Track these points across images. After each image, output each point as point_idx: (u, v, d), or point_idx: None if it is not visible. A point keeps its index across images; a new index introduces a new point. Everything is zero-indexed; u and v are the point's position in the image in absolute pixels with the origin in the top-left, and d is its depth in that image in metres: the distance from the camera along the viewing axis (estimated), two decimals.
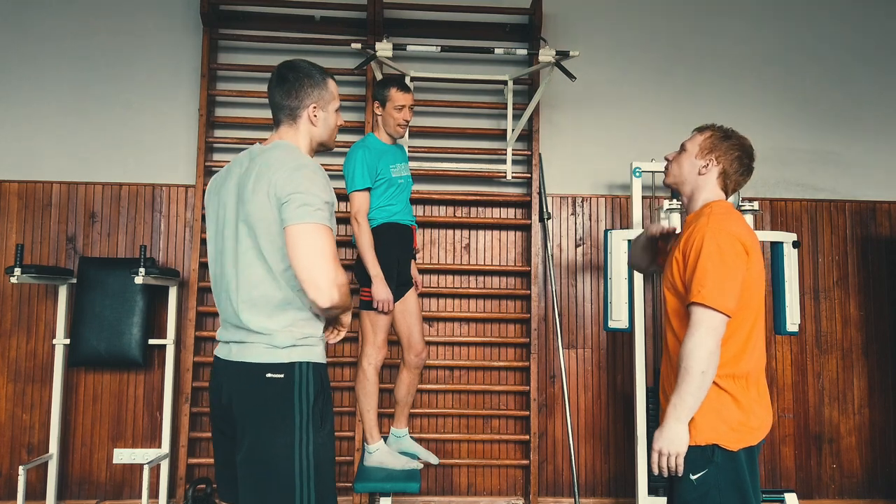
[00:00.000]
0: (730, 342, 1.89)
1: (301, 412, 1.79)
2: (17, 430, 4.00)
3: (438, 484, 4.13)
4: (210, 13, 4.06)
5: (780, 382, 4.30)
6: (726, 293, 1.84)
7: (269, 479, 1.77)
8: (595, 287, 4.30)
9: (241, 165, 1.91)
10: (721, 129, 2.08)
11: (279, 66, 2.00)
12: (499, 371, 4.21)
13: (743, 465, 1.88)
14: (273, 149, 1.88)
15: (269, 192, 1.77)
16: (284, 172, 1.78)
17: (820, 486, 4.27)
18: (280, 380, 1.79)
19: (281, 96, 1.94)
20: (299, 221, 1.74)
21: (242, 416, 1.81)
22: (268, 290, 1.81)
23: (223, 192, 1.91)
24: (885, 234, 4.45)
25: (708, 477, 1.86)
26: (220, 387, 1.88)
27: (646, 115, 4.38)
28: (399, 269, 3.05)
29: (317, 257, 1.73)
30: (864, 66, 4.56)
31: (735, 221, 1.95)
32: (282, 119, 1.96)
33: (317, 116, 1.96)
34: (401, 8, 4.22)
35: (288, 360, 1.81)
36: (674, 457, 1.86)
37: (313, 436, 1.80)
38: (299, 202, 1.74)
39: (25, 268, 3.62)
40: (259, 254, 1.81)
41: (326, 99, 1.99)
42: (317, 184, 1.79)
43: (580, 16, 4.44)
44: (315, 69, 2.00)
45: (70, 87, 4.20)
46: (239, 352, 1.84)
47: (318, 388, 1.83)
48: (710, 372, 1.83)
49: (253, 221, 1.80)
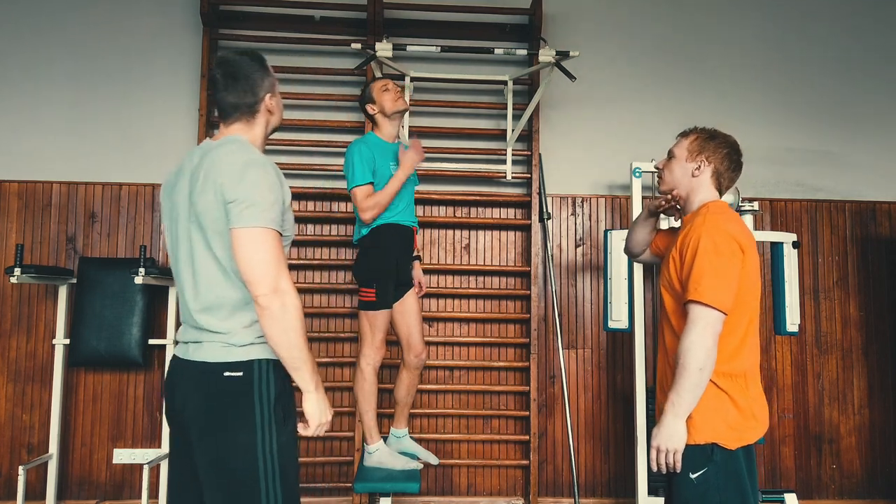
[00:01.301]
0: (726, 340, 1.90)
1: (262, 410, 1.75)
2: (17, 430, 4.00)
3: (438, 484, 4.13)
4: (210, 13, 4.06)
5: (780, 382, 4.30)
6: (723, 291, 1.86)
7: (234, 479, 1.73)
8: (595, 287, 4.30)
9: (192, 161, 1.84)
10: (705, 131, 2.12)
11: (217, 66, 1.89)
12: (499, 371, 4.21)
13: (742, 463, 1.89)
14: (221, 144, 1.82)
15: (217, 192, 1.71)
16: (231, 172, 1.72)
17: (820, 486, 4.27)
18: (239, 378, 1.74)
19: (235, 96, 1.86)
20: (244, 225, 1.69)
21: (201, 417, 1.75)
22: (224, 291, 1.76)
23: (175, 193, 1.85)
24: (885, 234, 4.45)
25: (707, 475, 1.87)
26: (175, 387, 1.82)
27: (646, 115, 4.38)
28: (398, 269, 3.04)
29: (258, 259, 1.68)
30: (864, 66, 4.56)
31: (731, 221, 1.97)
32: (238, 117, 1.87)
33: (273, 104, 1.91)
34: (401, 8, 4.22)
35: (246, 357, 1.75)
36: (672, 453, 1.88)
37: (276, 434, 1.76)
38: (245, 204, 1.69)
39: (25, 268, 3.62)
40: (212, 255, 1.75)
41: (274, 83, 1.92)
42: (265, 183, 1.72)
43: (580, 16, 4.44)
44: (256, 58, 1.90)
45: (70, 88, 4.20)
46: (195, 351, 1.78)
47: (279, 385, 1.78)
48: (708, 369, 1.85)
49: (203, 222, 1.74)
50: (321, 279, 4.19)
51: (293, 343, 1.71)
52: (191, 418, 1.77)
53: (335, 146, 4.19)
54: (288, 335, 1.70)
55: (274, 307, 1.67)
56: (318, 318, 4.15)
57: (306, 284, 4.14)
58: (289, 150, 4.21)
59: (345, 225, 4.22)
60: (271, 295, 1.67)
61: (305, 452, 4.05)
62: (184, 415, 1.78)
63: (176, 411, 1.82)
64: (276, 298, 1.67)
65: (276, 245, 1.71)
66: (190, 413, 1.77)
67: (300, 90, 4.24)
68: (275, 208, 1.72)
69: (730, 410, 1.90)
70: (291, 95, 4.18)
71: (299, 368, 1.74)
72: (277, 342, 1.71)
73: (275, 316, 1.68)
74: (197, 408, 1.76)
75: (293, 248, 4.17)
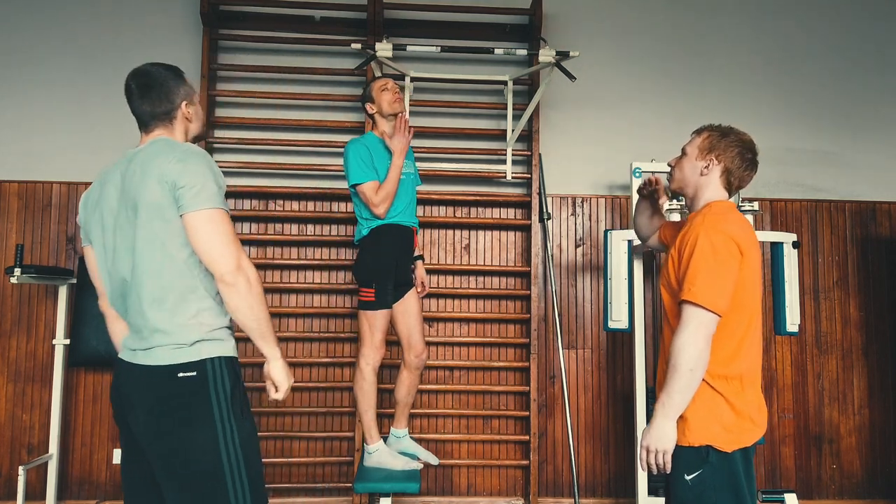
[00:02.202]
0: (723, 343, 1.89)
1: (220, 406, 1.78)
2: (17, 430, 4.00)
3: (438, 484, 4.13)
4: (210, 13, 4.06)
5: (780, 382, 4.30)
6: (717, 292, 1.84)
7: (198, 477, 1.76)
8: (595, 287, 4.30)
9: (118, 170, 1.87)
10: (718, 129, 2.08)
11: (132, 77, 1.93)
12: (499, 371, 4.21)
13: (738, 465, 1.88)
14: (151, 145, 1.87)
15: (161, 181, 1.75)
16: (174, 161, 1.77)
17: (820, 486, 4.27)
18: (193, 377, 1.77)
19: (150, 105, 1.91)
20: (199, 208, 1.75)
21: (157, 420, 1.76)
22: (171, 279, 1.78)
23: (103, 202, 1.87)
24: (885, 234, 4.45)
25: (703, 477, 1.86)
26: (125, 391, 1.83)
27: (646, 115, 4.38)
28: (398, 270, 3.04)
29: (219, 240, 1.75)
30: (864, 66, 4.56)
31: (732, 221, 1.95)
32: (155, 125, 1.93)
33: (190, 112, 1.96)
34: (401, 8, 4.22)
35: (198, 357, 1.78)
36: (661, 454, 1.88)
37: (237, 428, 1.80)
38: (196, 188, 1.75)
39: (25, 268, 3.62)
40: (159, 245, 1.77)
41: (190, 92, 1.98)
42: (209, 169, 1.80)
43: (580, 16, 4.44)
44: (170, 69, 1.96)
45: (70, 88, 4.20)
46: (145, 356, 1.80)
47: (233, 381, 1.82)
48: (699, 370, 1.84)
49: (149, 213, 1.76)
50: (321, 279, 4.18)
51: (259, 315, 1.80)
52: (145, 422, 1.78)
53: (335, 146, 4.19)
54: (254, 309, 1.79)
55: (240, 283, 1.76)
56: (318, 319, 4.15)
57: (306, 284, 4.14)
58: (289, 150, 4.21)
59: (345, 225, 4.21)
60: (236, 272, 1.75)
61: (306, 452, 4.06)
62: (137, 419, 1.79)
63: (127, 416, 1.83)
64: (241, 275, 1.76)
65: (229, 224, 1.80)
66: (144, 417, 1.78)
67: (300, 90, 4.24)
68: (221, 192, 1.81)
69: (725, 413, 1.89)
70: (291, 95, 4.19)
71: (265, 336, 1.83)
72: (246, 315, 1.79)
73: (241, 291, 1.76)
74: (151, 411, 1.77)
75: (293, 248, 4.17)
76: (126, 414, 1.83)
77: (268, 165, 4.12)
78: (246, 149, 4.24)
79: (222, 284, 1.76)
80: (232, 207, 4.20)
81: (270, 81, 4.24)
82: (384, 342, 3.01)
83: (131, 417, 1.81)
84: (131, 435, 1.84)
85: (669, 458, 1.88)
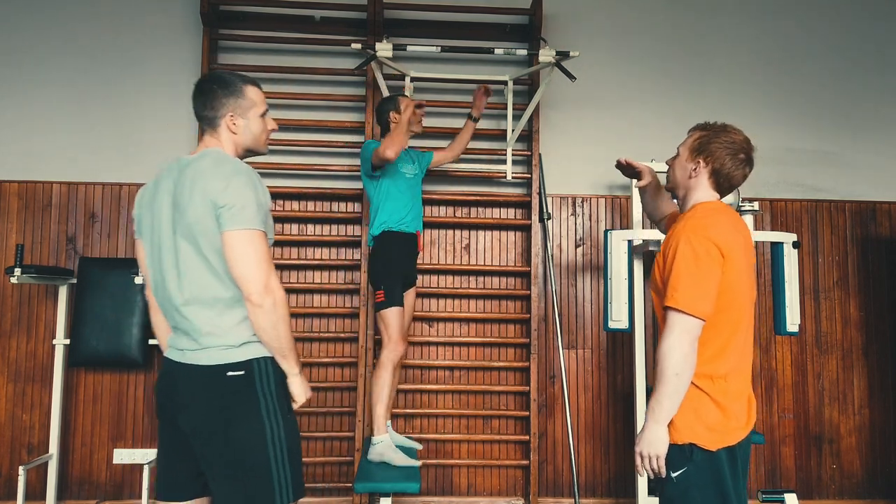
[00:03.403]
0: (708, 344, 1.90)
1: (266, 403, 1.88)
2: (17, 430, 4.00)
3: (438, 484, 4.13)
4: (210, 13, 4.05)
5: (780, 382, 4.30)
6: (699, 297, 1.85)
7: (246, 471, 1.85)
8: (595, 287, 4.30)
9: (171, 175, 1.95)
10: (710, 129, 2.04)
11: (200, 78, 2.07)
12: (499, 371, 4.21)
13: (723, 464, 1.89)
14: (202, 157, 1.93)
15: (205, 199, 1.83)
16: (219, 179, 1.84)
17: (820, 486, 4.27)
18: (241, 376, 1.86)
19: (199, 107, 2.01)
20: (235, 228, 1.82)
21: (207, 416, 1.86)
22: (216, 291, 1.87)
23: (155, 205, 1.96)
24: (885, 234, 4.45)
25: (687, 475, 1.88)
26: (173, 389, 1.91)
27: (646, 115, 4.38)
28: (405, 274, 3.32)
29: (250, 261, 1.83)
30: (864, 66, 4.56)
31: (713, 224, 1.93)
32: (204, 129, 2.03)
33: (236, 124, 2.00)
34: (401, 8, 4.22)
35: (245, 357, 1.88)
36: (654, 459, 1.90)
37: (282, 422, 1.90)
38: (236, 208, 1.82)
39: (25, 268, 3.62)
40: (203, 258, 1.86)
41: (245, 106, 2.01)
42: (249, 188, 1.86)
43: (580, 16, 4.44)
44: (234, 77, 2.03)
45: (70, 88, 4.20)
46: (194, 355, 1.88)
47: (277, 379, 1.92)
48: (684, 374, 1.85)
49: (193, 228, 1.85)
50: (321, 279, 4.18)
51: (282, 335, 1.88)
52: (196, 419, 1.87)
53: (335, 146, 4.19)
54: (277, 328, 1.87)
55: (266, 304, 1.83)
56: (318, 319, 4.15)
57: (306, 284, 4.14)
58: (289, 150, 4.21)
59: (345, 225, 4.22)
60: (263, 292, 1.83)
61: (306, 453, 4.05)
62: (188, 416, 1.88)
63: (175, 413, 1.90)
64: (268, 296, 1.83)
65: (264, 245, 1.87)
66: (195, 414, 1.87)
67: (300, 90, 4.24)
68: (260, 211, 1.87)
69: (710, 412, 1.90)
70: (291, 95, 4.19)
71: (286, 356, 1.92)
72: (269, 334, 1.87)
73: (266, 311, 1.84)
74: (202, 409, 1.86)
75: (293, 248, 4.17)
76: (174, 412, 1.91)
77: (268, 165, 4.11)
78: None
79: (249, 303, 1.84)
80: None
81: (270, 81, 4.24)
82: (403, 338, 3.22)
83: (181, 415, 1.89)
84: (176, 432, 1.92)
85: (663, 462, 1.90)
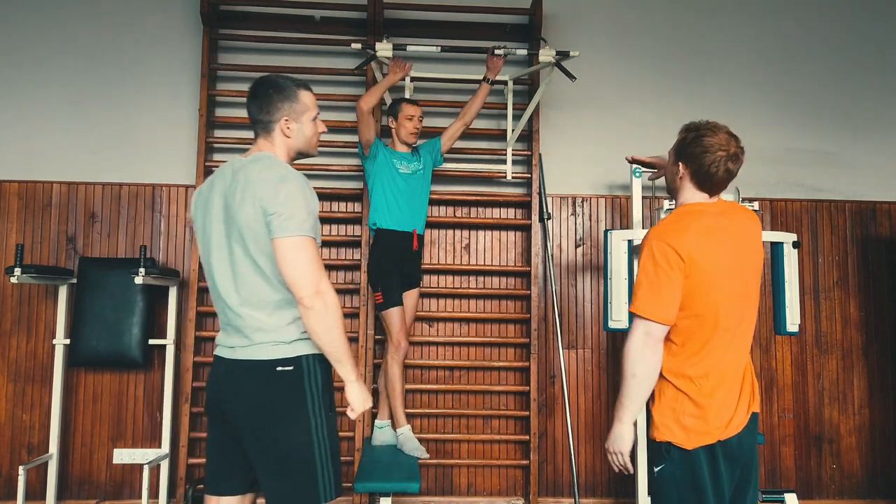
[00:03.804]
0: (686, 345, 1.94)
1: (312, 400, 1.93)
2: (17, 430, 3.99)
3: (438, 484, 4.13)
4: (210, 13, 4.05)
5: (780, 382, 4.30)
6: (656, 302, 1.90)
7: (293, 462, 1.91)
8: (595, 287, 4.30)
9: (225, 178, 2.00)
10: (689, 130, 2.01)
11: (254, 81, 2.08)
12: (499, 371, 4.21)
13: (700, 463, 1.91)
14: (254, 161, 1.98)
15: (256, 205, 1.88)
16: (269, 186, 1.88)
17: (820, 486, 4.27)
18: (290, 372, 1.91)
19: (255, 111, 2.04)
20: (286, 235, 1.86)
21: (255, 410, 1.91)
22: (265, 293, 1.93)
23: (210, 205, 2.01)
24: (885, 234, 4.45)
25: (665, 471, 1.95)
26: (224, 385, 1.98)
27: (646, 115, 4.38)
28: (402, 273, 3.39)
29: (301, 266, 1.86)
30: (864, 66, 4.56)
31: (678, 228, 1.94)
32: (258, 132, 2.06)
33: (290, 128, 2.04)
34: (401, 8, 4.22)
35: (294, 353, 1.93)
36: (619, 455, 2.01)
37: (326, 419, 1.96)
38: (285, 216, 1.86)
39: (25, 268, 3.62)
40: (252, 261, 1.92)
41: (299, 111, 2.06)
42: (300, 195, 1.90)
43: (580, 16, 4.44)
44: (288, 82, 2.06)
45: (70, 88, 4.20)
46: (245, 351, 1.93)
47: (324, 377, 1.98)
48: (641, 376, 1.92)
49: (244, 232, 1.91)
50: None
51: (334, 338, 1.90)
52: (246, 411, 1.93)
53: (335, 146, 4.19)
54: (330, 332, 1.89)
55: (317, 307, 1.86)
56: None
57: None
58: None
59: (345, 225, 4.22)
60: (314, 296, 1.86)
61: None
62: (238, 410, 1.94)
63: (225, 408, 1.97)
64: (319, 299, 1.86)
65: (315, 251, 1.91)
66: (245, 408, 1.93)
67: None
68: (310, 218, 1.91)
69: (686, 411, 1.92)
70: None
71: (341, 361, 1.94)
72: (322, 338, 1.90)
73: (318, 315, 1.87)
74: (252, 403, 1.92)
75: None
76: (224, 406, 1.97)
77: None
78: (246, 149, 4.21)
79: (301, 307, 1.88)
80: None
81: None
82: (404, 337, 3.33)
83: (231, 409, 1.95)
84: (225, 427, 1.99)
85: (627, 458, 2.02)
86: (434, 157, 3.67)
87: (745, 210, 2.10)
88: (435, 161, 3.68)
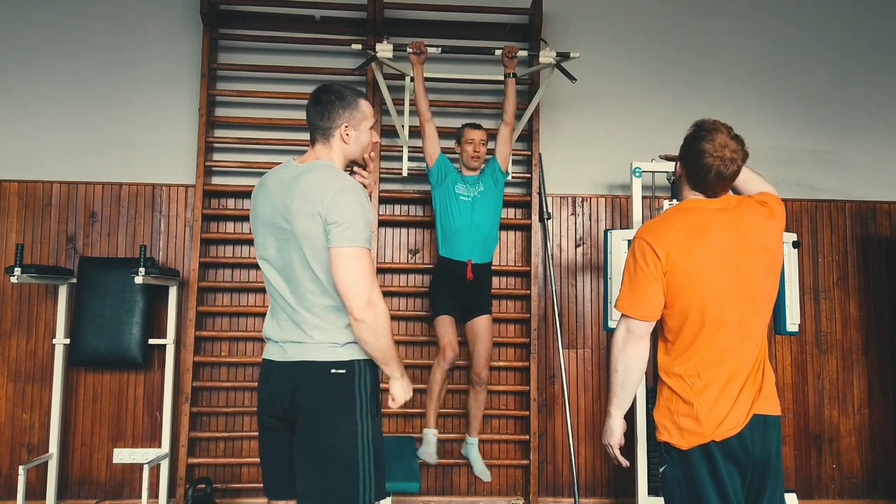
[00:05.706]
0: (676, 344, 1.97)
1: (361, 403, 1.98)
2: (17, 430, 3.99)
3: (438, 484, 4.13)
4: (210, 13, 4.05)
5: (780, 382, 4.30)
6: (634, 299, 1.96)
7: (334, 464, 1.95)
8: (595, 287, 4.30)
9: (281, 182, 2.03)
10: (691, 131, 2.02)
11: (316, 88, 2.12)
12: (499, 371, 4.21)
13: (697, 463, 1.91)
14: (313, 169, 2.01)
15: (314, 214, 1.92)
16: (329, 196, 1.92)
17: (820, 486, 4.27)
18: (343, 375, 1.97)
19: (316, 117, 2.07)
20: (343, 245, 1.91)
21: (307, 410, 1.96)
22: (319, 299, 1.98)
23: (268, 205, 2.04)
24: (885, 234, 4.45)
25: (668, 472, 1.99)
26: (278, 386, 2.01)
27: (646, 115, 4.38)
28: (456, 294, 3.52)
29: (354, 277, 1.91)
30: (864, 66, 4.56)
31: (661, 226, 1.98)
32: (317, 138, 2.09)
33: (349, 135, 2.08)
34: (401, 8, 4.22)
35: (348, 357, 1.98)
36: (609, 447, 2.09)
37: (371, 424, 2.00)
38: (344, 226, 1.91)
39: (25, 268, 3.62)
40: (307, 266, 1.96)
41: (358, 119, 2.09)
42: (359, 206, 1.95)
43: (580, 16, 4.44)
44: (349, 91, 2.11)
45: (70, 87, 4.20)
46: (298, 352, 1.99)
47: (373, 382, 2.04)
48: (623, 371, 1.99)
49: (300, 238, 1.95)
50: None
51: (384, 345, 1.98)
52: (298, 410, 1.97)
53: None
54: (379, 340, 1.96)
55: (368, 318, 1.92)
56: None
57: None
58: (289, 150, 4.20)
59: None
60: (365, 307, 1.91)
61: None
62: (290, 407, 1.98)
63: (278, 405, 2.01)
64: (370, 310, 1.92)
65: (369, 262, 1.95)
66: (297, 406, 1.97)
67: (300, 90, 4.23)
68: (367, 229, 1.95)
69: (680, 412, 1.94)
70: (292, 95, 4.19)
71: (388, 363, 2.03)
72: (371, 346, 1.97)
73: (368, 325, 1.93)
74: (306, 401, 1.96)
75: None
76: (277, 407, 2.01)
77: (268, 165, 4.10)
78: (246, 148, 4.24)
79: (351, 317, 1.93)
80: (231, 207, 4.21)
81: (271, 81, 4.24)
82: (450, 345, 3.44)
83: (283, 408, 1.99)
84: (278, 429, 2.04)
85: (618, 451, 2.09)
86: (494, 176, 3.66)
87: (761, 205, 2.03)
88: (496, 180, 3.67)
